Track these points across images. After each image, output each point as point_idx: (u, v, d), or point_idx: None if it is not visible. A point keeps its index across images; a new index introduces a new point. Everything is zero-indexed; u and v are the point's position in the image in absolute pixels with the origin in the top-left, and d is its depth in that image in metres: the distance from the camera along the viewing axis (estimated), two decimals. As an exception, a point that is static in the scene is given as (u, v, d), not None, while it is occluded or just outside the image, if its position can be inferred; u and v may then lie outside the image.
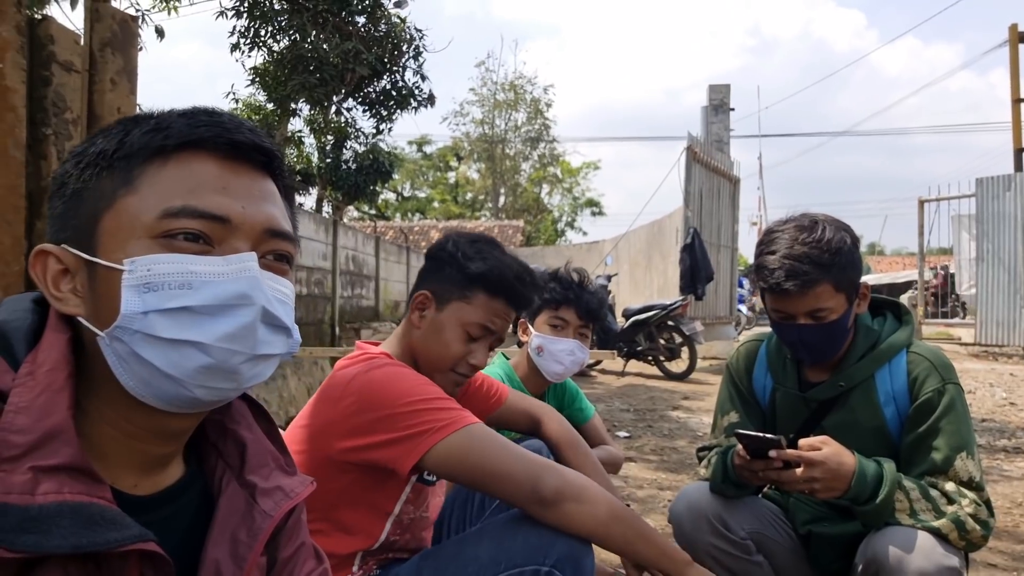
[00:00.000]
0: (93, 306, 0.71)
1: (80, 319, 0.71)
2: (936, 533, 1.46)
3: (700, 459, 1.89)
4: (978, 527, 1.48)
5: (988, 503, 1.53)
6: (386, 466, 1.25)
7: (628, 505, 1.38)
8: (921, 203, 12.52)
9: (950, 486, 1.53)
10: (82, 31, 3.69)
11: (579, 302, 2.18)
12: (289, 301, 0.77)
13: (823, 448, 1.50)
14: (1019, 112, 13.17)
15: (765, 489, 1.86)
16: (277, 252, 0.77)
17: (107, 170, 0.72)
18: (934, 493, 1.52)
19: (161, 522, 0.73)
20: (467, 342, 1.44)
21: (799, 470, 1.49)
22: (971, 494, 1.51)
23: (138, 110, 4.16)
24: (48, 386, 0.67)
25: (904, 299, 12.60)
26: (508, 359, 2.33)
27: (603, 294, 2.31)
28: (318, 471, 1.28)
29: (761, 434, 1.53)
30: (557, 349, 2.16)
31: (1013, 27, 13.24)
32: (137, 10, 7.94)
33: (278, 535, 0.87)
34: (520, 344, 2.34)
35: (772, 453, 1.51)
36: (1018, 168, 12.64)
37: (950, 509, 1.49)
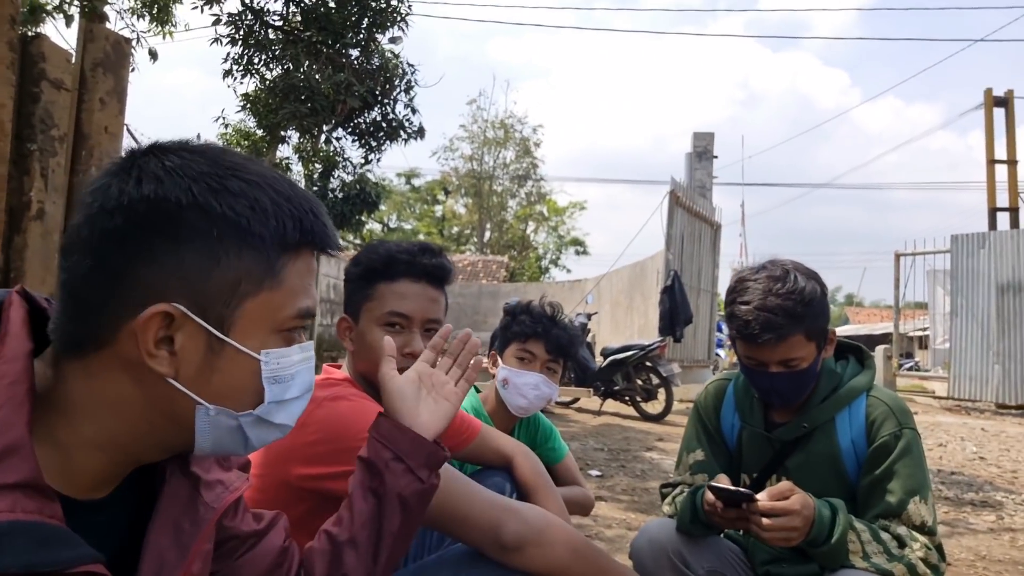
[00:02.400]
0: (199, 376, 0.72)
1: (171, 381, 0.71)
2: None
3: (663, 495, 1.90)
4: (929, 571, 1.50)
5: (940, 548, 1.55)
6: (340, 497, 1.25)
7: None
8: (897, 257, 12.77)
9: (902, 529, 1.55)
10: (75, 50, 3.73)
11: (547, 336, 2.13)
12: None
13: (792, 496, 1.48)
14: (994, 172, 13.56)
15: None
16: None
17: (251, 251, 0.74)
18: (885, 536, 1.53)
19: (107, 522, 0.74)
20: (391, 336, 1.41)
21: (778, 520, 1.46)
22: (923, 538, 1.53)
23: (126, 130, 4.18)
24: (8, 400, 0.66)
25: (879, 351, 12.78)
26: (479, 392, 2.29)
27: (576, 330, 2.27)
28: (275, 495, 1.28)
29: (734, 488, 1.53)
30: (521, 382, 2.11)
31: (988, 91, 13.71)
32: (132, 31, 8.02)
33: (220, 518, 0.89)
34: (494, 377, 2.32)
35: (744, 506, 1.51)
36: (992, 227, 12.97)
37: (901, 552, 1.51)
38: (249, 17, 9.52)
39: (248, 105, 10.60)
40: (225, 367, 0.72)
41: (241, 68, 10.00)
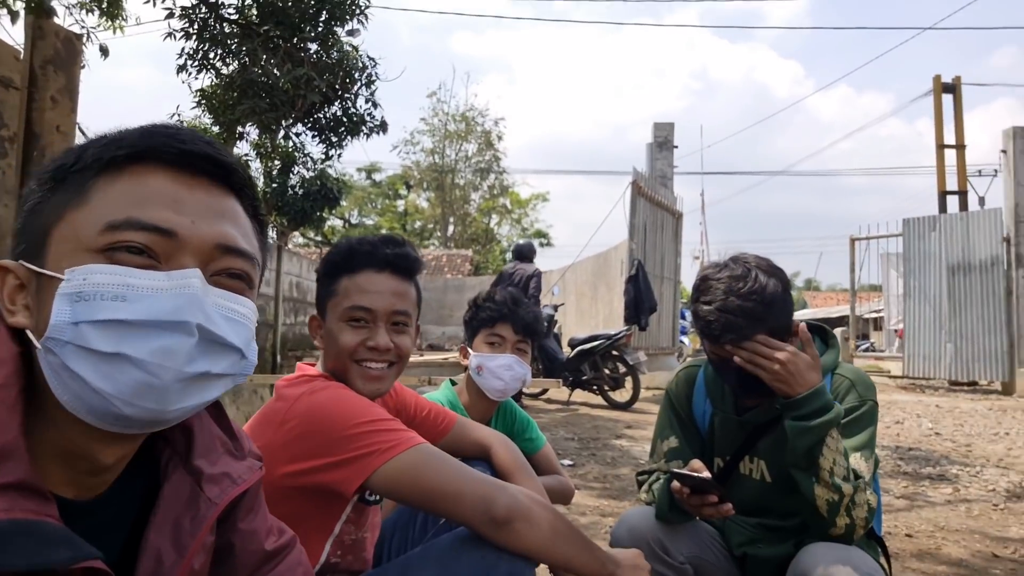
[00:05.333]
0: (37, 318, 0.69)
1: (28, 332, 0.70)
2: (838, 490, 1.54)
3: (640, 483, 1.93)
4: (866, 509, 1.57)
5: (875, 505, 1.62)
6: (331, 488, 1.24)
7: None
8: (852, 241, 13.07)
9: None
10: (23, 47, 3.61)
11: (514, 317, 2.19)
12: (243, 320, 0.75)
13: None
14: (943, 157, 13.98)
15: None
16: (231, 270, 0.75)
17: (61, 183, 0.72)
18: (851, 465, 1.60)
19: (107, 521, 0.74)
20: (355, 331, 1.42)
21: (782, 353, 1.55)
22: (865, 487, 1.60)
23: (78, 129, 4.06)
24: (0, 403, 0.66)
25: (837, 333, 13.05)
26: (454, 384, 2.32)
27: (538, 310, 2.34)
28: None
29: (696, 475, 1.57)
30: (495, 365, 2.15)
31: (937, 78, 14.10)
32: (82, 27, 7.79)
33: (232, 513, 0.87)
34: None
35: (710, 492, 1.56)
36: (942, 210, 13.38)
37: (857, 482, 1.58)
38: (203, 11, 9.31)
39: (203, 101, 10.38)
40: (45, 299, 0.68)
41: (196, 63, 9.79)
